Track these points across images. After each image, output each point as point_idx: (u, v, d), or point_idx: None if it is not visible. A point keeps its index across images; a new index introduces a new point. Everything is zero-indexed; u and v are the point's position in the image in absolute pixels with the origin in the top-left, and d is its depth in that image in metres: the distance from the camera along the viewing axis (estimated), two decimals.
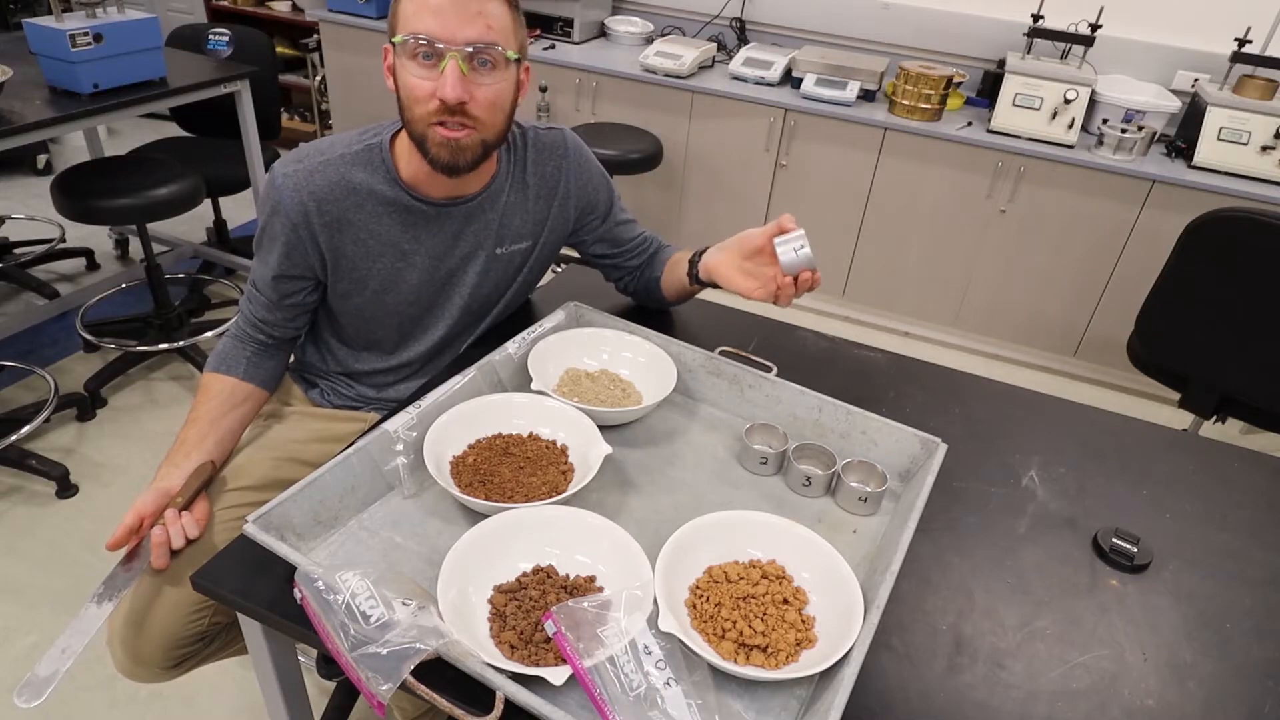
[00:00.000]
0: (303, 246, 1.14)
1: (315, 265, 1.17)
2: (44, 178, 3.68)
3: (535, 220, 1.27)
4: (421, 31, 0.99)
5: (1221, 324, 1.83)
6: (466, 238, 1.21)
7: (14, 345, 2.57)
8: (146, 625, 1.05)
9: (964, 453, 1.14)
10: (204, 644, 1.12)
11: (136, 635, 1.06)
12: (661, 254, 1.39)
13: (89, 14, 2.23)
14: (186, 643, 1.09)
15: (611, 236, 1.36)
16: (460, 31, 1.00)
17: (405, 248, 1.18)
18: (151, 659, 1.08)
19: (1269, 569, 1.02)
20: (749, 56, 3.08)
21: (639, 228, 1.39)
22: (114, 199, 2.20)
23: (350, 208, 1.14)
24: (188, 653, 1.11)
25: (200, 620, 1.08)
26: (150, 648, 1.07)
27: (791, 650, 0.80)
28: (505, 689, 0.71)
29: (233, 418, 1.17)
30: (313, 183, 1.11)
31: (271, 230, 1.14)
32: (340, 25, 3.43)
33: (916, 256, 3.02)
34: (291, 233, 1.13)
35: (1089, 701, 0.82)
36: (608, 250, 1.38)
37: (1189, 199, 2.56)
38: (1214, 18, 2.77)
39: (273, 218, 1.14)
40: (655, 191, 3.27)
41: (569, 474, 1.01)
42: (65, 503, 2.03)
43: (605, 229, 1.35)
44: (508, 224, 1.24)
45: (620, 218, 1.36)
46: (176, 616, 1.06)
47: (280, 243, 1.14)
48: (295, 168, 1.12)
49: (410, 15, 1.01)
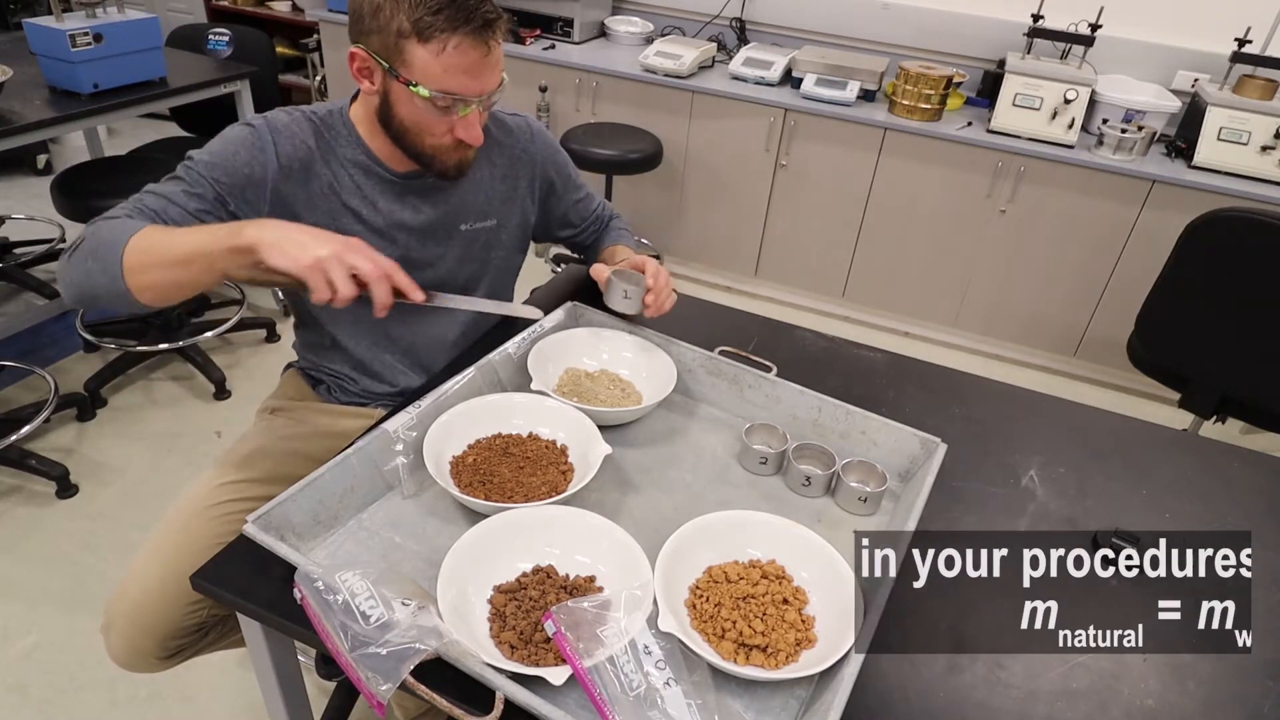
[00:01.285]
0: (256, 173, 1.08)
1: (251, 197, 1.09)
2: (44, 178, 3.68)
3: (501, 199, 1.27)
4: (454, 90, 1.02)
5: (1221, 324, 1.82)
6: (425, 211, 1.20)
7: (14, 345, 2.57)
8: (146, 615, 1.06)
9: (964, 453, 1.14)
10: (200, 635, 1.13)
11: (135, 625, 1.06)
12: (602, 235, 1.44)
13: (89, 14, 2.23)
14: (184, 634, 1.10)
15: (570, 216, 1.40)
16: (486, 85, 1.04)
17: (364, 212, 1.16)
18: (149, 649, 1.08)
19: (1269, 569, 1.02)
20: (749, 56, 3.08)
21: (595, 202, 1.44)
22: (114, 199, 2.15)
23: (316, 161, 1.13)
24: (184, 643, 1.11)
25: (199, 611, 1.09)
26: (148, 638, 1.07)
27: (791, 650, 0.80)
28: (505, 689, 0.71)
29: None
30: (289, 129, 1.11)
31: (233, 137, 1.09)
32: (340, 25, 3.43)
33: (916, 256, 3.02)
34: (254, 155, 1.08)
35: (1089, 701, 0.82)
36: (568, 232, 1.42)
37: (1189, 199, 2.56)
38: (1214, 18, 2.77)
39: (240, 132, 1.09)
40: (655, 191, 3.27)
41: (569, 474, 1.01)
42: (65, 503, 2.03)
43: (567, 206, 1.38)
44: (470, 201, 1.24)
45: (578, 195, 1.40)
46: (176, 607, 1.07)
47: (236, 152, 1.07)
48: (273, 114, 1.11)
49: (438, 73, 1.00)
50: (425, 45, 0.99)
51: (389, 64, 1.02)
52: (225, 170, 1.07)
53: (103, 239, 0.95)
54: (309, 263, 0.88)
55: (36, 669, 1.65)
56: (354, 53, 1.05)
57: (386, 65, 1.02)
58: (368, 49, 1.03)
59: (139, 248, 0.93)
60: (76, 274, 0.96)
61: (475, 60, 1.01)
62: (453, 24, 0.98)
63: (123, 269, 0.93)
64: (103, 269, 0.94)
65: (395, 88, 1.04)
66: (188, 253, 0.92)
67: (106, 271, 0.93)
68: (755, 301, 3.25)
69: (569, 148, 2.83)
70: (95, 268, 0.94)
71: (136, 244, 0.93)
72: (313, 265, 0.88)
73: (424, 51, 0.99)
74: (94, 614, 1.76)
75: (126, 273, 0.93)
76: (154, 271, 0.93)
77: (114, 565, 1.88)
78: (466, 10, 0.98)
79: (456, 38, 0.99)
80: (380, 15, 1.00)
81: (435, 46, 0.99)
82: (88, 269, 0.95)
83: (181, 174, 1.07)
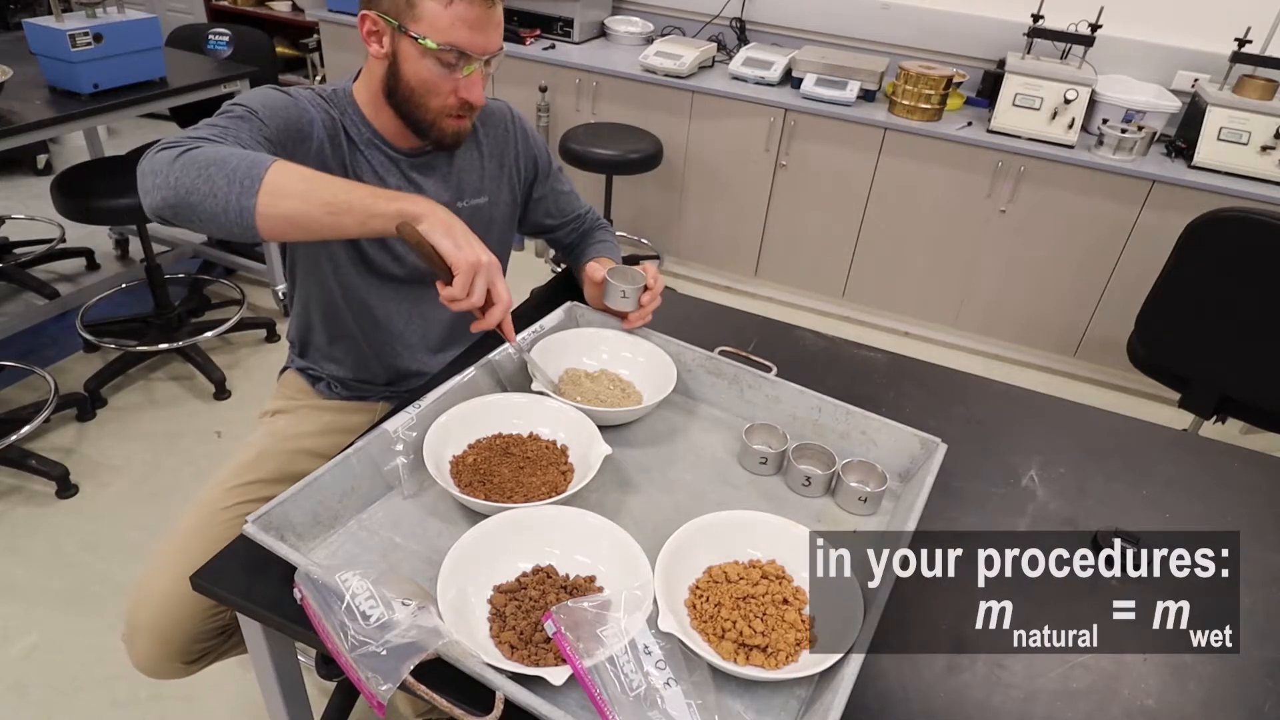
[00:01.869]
0: (305, 131, 1.09)
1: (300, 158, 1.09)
2: (44, 178, 3.68)
3: (490, 177, 1.30)
4: (459, 44, 1.05)
5: (1221, 324, 1.82)
6: (426, 188, 1.23)
7: (14, 345, 2.57)
8: (169, 622, 1.07)
9: (964, 453, 1.14)
10: (224, 638, 1.14)
11: (160, 632, 1.07)
12: (587, 242, 1.44)
13: (89, 14, 2.23)
14: (208, 637, 1.11)
15: (550, 206, 1.41)
16: (489, 43, 1.07)
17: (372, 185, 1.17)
18: (174, 655, 1.09)
19: (1269, 569, 1.02)
20: (749, 56, 3.08)
21: (580, 204, 1.46)
22: (114, 199, 2.20)
23: (341, 136, 1.15)
24: (208, 647, 1.13)
25: (222, 614, 1.10)
26: (173, 644, 1.08)
27: (791, 650, 0.80)
28: (505, 689, 0.71)
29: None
30: (316, 102, 1.13)
31: (276, 98, 1.08)
32: (340, 25, 3.43)
33: (916, 256, 3.02)
34: (304, 119, 1.09)
35: (1089, 701, 0.82)
36: (546, 222, 1.43)
37: (1189, 199, 2.56)
38: (1214, 18, 2.77)
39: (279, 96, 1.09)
40: (655, 191, 3.27)
41: (569, 474, 1.01)
42: (65, 503, 2.03)
43: (546, 193, 1.39)
44: (465, 179, 1.27)
45: (562, 187, 1.42)
46: (199, 611, 1.08)
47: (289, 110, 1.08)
48: (292, 90, 1.12)
49: (445, 26, 1.04)
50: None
51: (398, 21, 1.05)
52: (284, 123, 1.06)
53: (230, 153, 0.92)
54: (471, 259, 0.93)
55: (36, 669, 1.65)
56: (365, 15, 1.08)
57: (396, 23, 1.05)
58: (378, 10, 1.07)
59: (286, 173, 0.91)
60: (187, 178, 0.90)
61: (480, 15, 1.05)
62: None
63: (260, 186, 0.90)
64: (230, 180, 0.89)
65: (404, 46, 1.07)
66: (344, 201, 0.92)
67: (237, 184, 0.89)
68: (755, 301, 3.25)
69: (569, 148, 2.83)
70: (219, 176, 0.90)
71: (283, 170, 0.91)
72: (473, 264, 0.93)
73: (434, 4, 1.03)
74: (94, 614, 1.76)
75: (264, 192, 0.90)
76: (295, 202, 0.91)
77: (114, 565, 1.88)
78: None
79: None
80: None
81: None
82: (208, 175, 0.90)
83: (245, 114, 1.03)
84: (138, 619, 1.08)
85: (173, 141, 0.94)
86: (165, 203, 0.92)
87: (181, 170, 0.90)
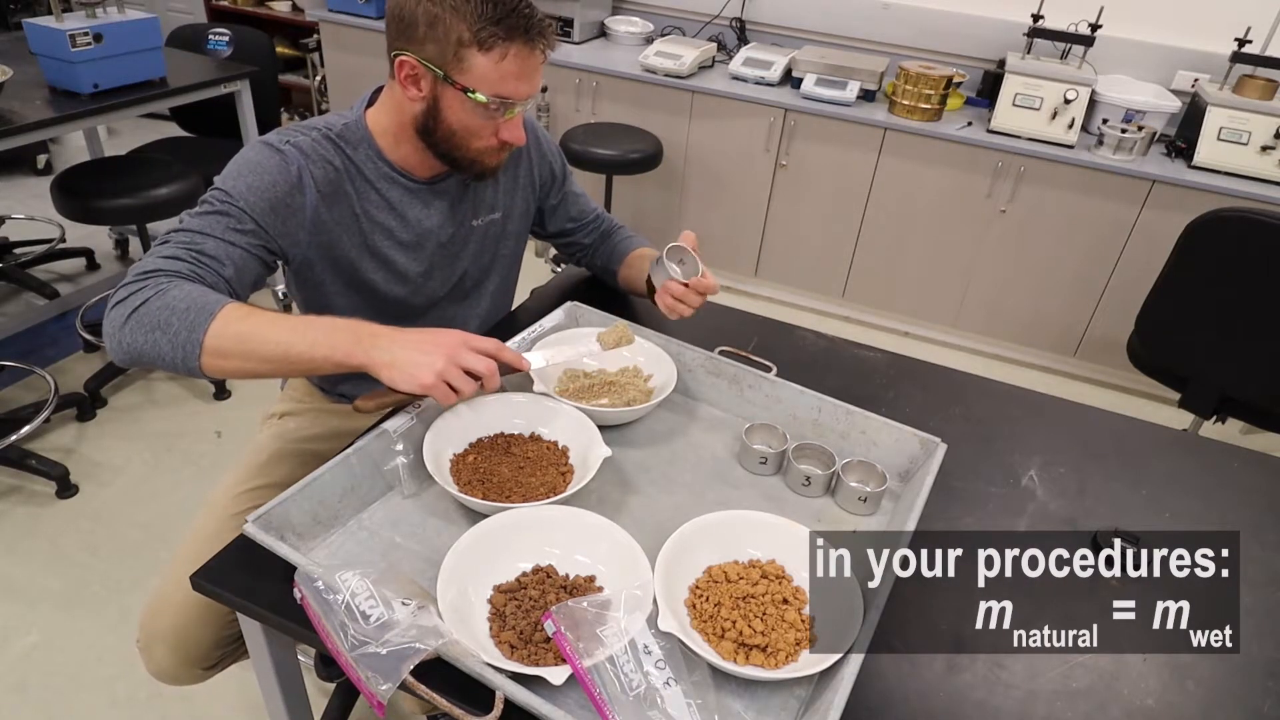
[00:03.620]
0: (296, 202, 1.07)
1: (292, 228, 1.08)
2: (44, 178, 3.68)
3: (504, 191, 1.30)
4: (507, 94, 1.05)
5: (1221, 324, 1.82)
6: (446, 213, 1.22)
7: (14, 345, 2.57)
8: (188, 630, 1.07)
9: (964, 453, 1.14)
10: (240, 643, 1.13)
11: (178, 640, 1.07)
12: (615, 238, 1.44)
13: (89, 14, 2.23)
14: (226, 642, 1.11)
15: (569, 209, 1.41)
16: (534, 88, 1.08)
17: (394, 227, 1.17)
18: (193, 662, 1.10)
19: (1269, 569, 1.02)
20: (749, 56, 3.08)
21: (593, 204, 1.46)
22: (114, 199, 2.20)
23: (345, 182, 1.12)
24: (226, 652, 1.13)
25: (238, 622, 1.09)
26: (192, 652, 1.08)
27: (791, 650, 0.80)
28: (505, 689, 0.71)
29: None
30: (315, 151, 1.09)
31: (263, 164, 1.04)
32: (340, 25, 3.43)
33: (916, 256, 3.02)
34: (292, 185, 1.06)
35: (1089, 701, 0.82)
36: (568, 225, 1.43)
37: (1189, 199, 2.56)
38: (1214, 18, 2.77)
39: (269, 158, 1.05)
40: (655, 191, 3.27)
41: (568, 475, 1.01)
42: (65, 503, 2.03)
43: (562, 198, 1.40)
44: (480, 197, 1.26)
45: (575, 189, 1.42)
46: (216, 618, 1.08)
47: (275, 182, 1.04)
48: (293, 137, 1.08)
49: (495, 79, 1.03)
50: (486, 54, 1.02)
51: (444, 71, 1.03)
52: (268, 201, 1.04)
53: (174, 308, 0.90)
54: (431, 381, 0.91)
55: (36, 669, 1.65)
56: (403, 60, 1.04)
57: (441, 73, 1.04)
58: (419, 57, 1.04)
59: (225, 333, 0.90)
60: (137, 341, 0.90)
61: (529, 65, 1.05)
62: (511, 33, 1.02)
63: (201, 350, 0.89)
64: (174, 345, 0.89)
65: (448, 94, 1.05)
66: (286, 353, 0.91)
67: (180, 349, 0.89)
68: (755, 301, 3.25)
69: (569, 148, 2.83)
70: (164, 341, 0.89)
71: (222, 329, 0.90)
72: (434, 383, 0.91)
73: (484, 59, 1.02)
74: (94, 614, 1.76)
75: (206, 354, 0.89)
76: (237, 360, 0.91)
77: (114, 565, 1.88)
78: (524, 20, 1.02)
79: (515, 46, 1.03)
80: (438, 26, 1.01)
81: (496, 55, 1.02)
82: (153, 340, 0.90)
83: (222, 207, 1.02)
84: (155, 627, 1.08)
85: (129, 288, 0.93)
86: (122, 361, 0.95)
87: (131, 335, 0.91)
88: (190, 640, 1.07)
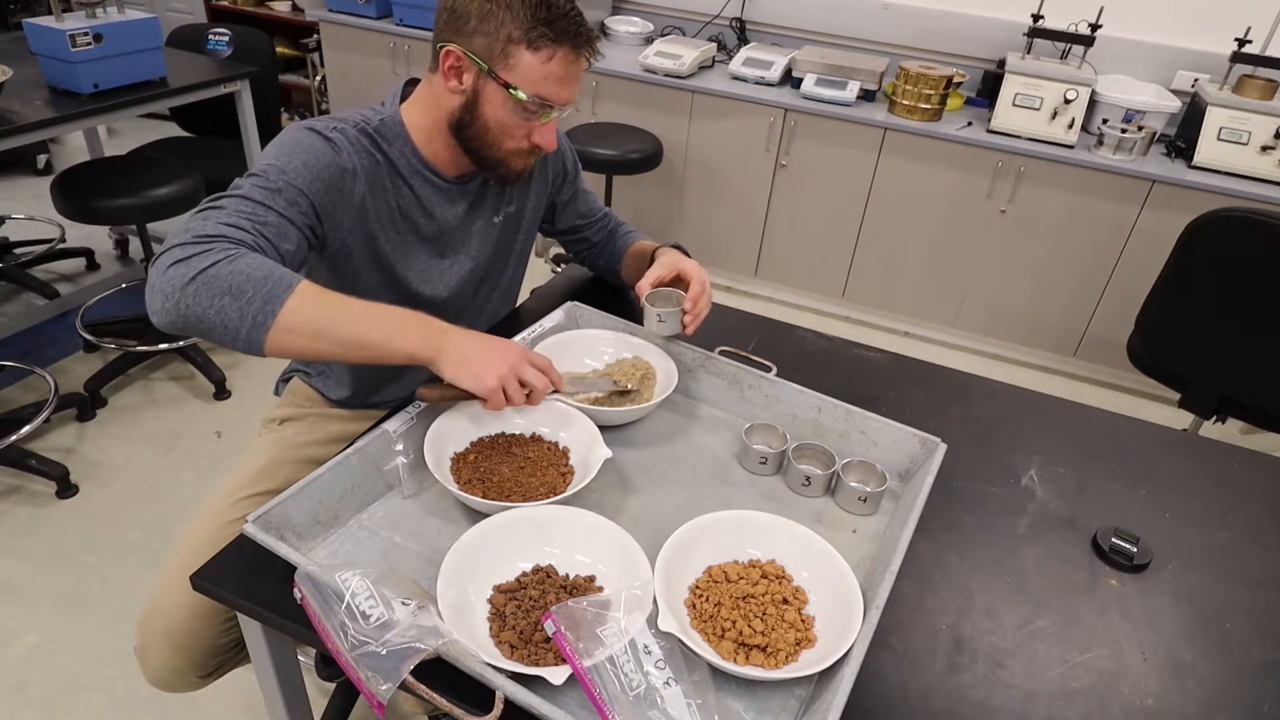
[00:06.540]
0: (346, 187, 1.06)
1: (339, 213, 1.07)
2: (44, 178, 3.68)
3: (519, 186, 1.30)
4: (548, 96, 1.06)
5: (1221, 324, 1.82)
6: (469, 212, 1.23)
7: (14, 345, 2.57)
8: (184, 636, 1.06)
9: (964, 453, 1.14)
10: (237, 650, 1.13)
11: (174, 647, 1.07)
12: (619, 234, 1.46)
13: (89, 14, 2.23)
14: (222, 650, 1.11)
15: (579, 206, 1.43)
16: (572, 96, 1.10)
17: (423, 224, 1.18)
18: (189, 669, 1.09)
19: (1269, 569, 1.02)
20: (749, 56, 3.08)
21: (600, 201, 1.47)
22: (114, 199, 2.20)
23: (384, 175, 1.12)
24: (223, 660, 1.12)
25: (235, 629, 1.09)
26: (188, 658, 1.08)
27: (791, 650, 0.80)
28: (505, 689, 0.71)
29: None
30: (359, 142, 1.09)
31: (312, 146, 1.03)
32: (340, 25, 3.43)
33: (916, 256, 3.02)
34: (342, 169, 1.05)
35: (1089, 701, 0.82)
36: (577, 222, 1.44)
37: (1189, 199, 2.56)
38: (1214, 18, 2.77)
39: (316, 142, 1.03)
40: (655, 191, 3.27)
41: (568, 476, 1.01)
42: (65, 503, 2.03)
43: (574, 194, 1.41)
44: (501, 193, 1.27)
45: (585, 186, 1.44)
46: (212, 625, 1.07)
47: (327, 165, 1.03)
48: (338, 125, 1.07)
49: (538, 78, 1.05)
50: (534, 52, 1.03)
51: (489, 65, 1.04)
52: (323, 183, 1.02)
53: (250, 276, 0.86)
54: (494, 385, 0.94)
55: (36, 669, 1.65)
56: (449, 51, 1.05)
57: (486, 67, 1.04)
58: (466, 49, 1.04)
59: (301, 308, 0.88)
60: (200, 303, 0.85)
61: (573, 70, 1.07)
62: (561, 36, 1.04)
63: (273, 323, 0.86)
64: (243, 314, 0.86)
65: (490, 88, 1.06)
66: (360, 338, 0.90)
67: (250, 318, 0.86)
68: (755, 301, 3.25)
69: None
70: (232, 308, 0.85)
71: (299, 304, 0.88)
72: (496, 387, 0.95)
73: (531, 58, 1.03)
74: (94, 614, 1.76)
75: (276, 328, 0.86)
76: (306, 339, 0.89)
77: (114, 565, 1.88)
78: (575, 25, 1.05)
79: (562, 49, 1.04)
80: (490, 20, 1.02)
81: (544, 55, 1.04)
82: (220, 306, 0.85)
83: (279, 183, 0.98)
84: (152, 633, 1.07)
85: (188, 248, 0.87)
86: (173, 324, 0.88)
87: (194, 297, 0.86)
88: (188, 644, 1.07)
